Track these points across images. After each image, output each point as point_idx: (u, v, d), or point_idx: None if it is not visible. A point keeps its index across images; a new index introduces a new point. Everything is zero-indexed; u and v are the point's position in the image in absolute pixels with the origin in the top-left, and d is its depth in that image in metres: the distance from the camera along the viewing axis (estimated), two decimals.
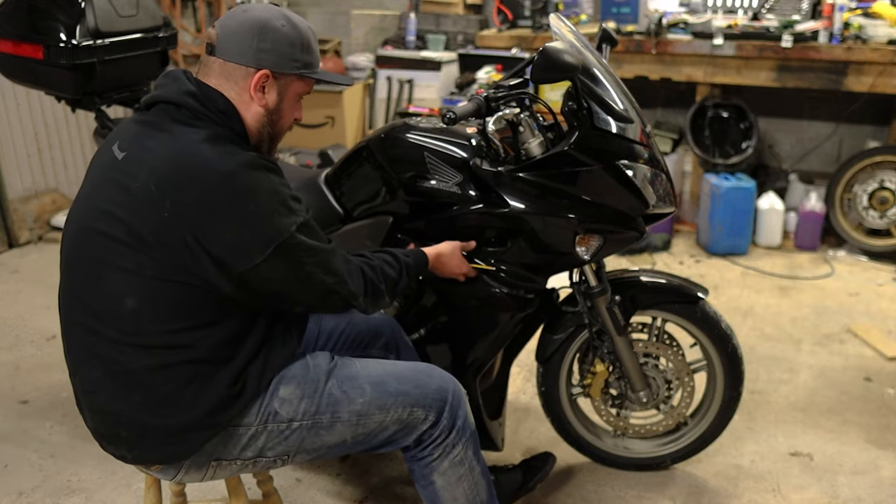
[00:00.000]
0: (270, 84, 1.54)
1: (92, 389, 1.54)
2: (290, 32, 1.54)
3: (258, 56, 1.51)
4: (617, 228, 1.94)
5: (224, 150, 1.46)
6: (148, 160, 1.46)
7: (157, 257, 1.43)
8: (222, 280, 1.46)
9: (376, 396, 1.63)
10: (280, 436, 1.59)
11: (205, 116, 1.50)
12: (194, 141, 1.46)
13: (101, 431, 1.58)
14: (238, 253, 1.44)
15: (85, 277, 1.51)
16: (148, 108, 1.55)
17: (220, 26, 1.54)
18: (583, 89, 1.85)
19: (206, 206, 1.42)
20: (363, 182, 2.09)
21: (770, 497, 2.31)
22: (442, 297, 2.06)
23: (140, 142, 1.50)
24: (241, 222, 1.43)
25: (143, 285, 1.45)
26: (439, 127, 2.03)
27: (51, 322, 3.42)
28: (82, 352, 1.54)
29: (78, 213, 1.56)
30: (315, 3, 5.84)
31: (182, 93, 1.50)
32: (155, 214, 1.42)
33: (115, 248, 1.46)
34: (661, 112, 5.05)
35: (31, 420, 2.70)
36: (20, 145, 4.24)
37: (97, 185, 1.54)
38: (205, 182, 1.42)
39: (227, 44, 1.52)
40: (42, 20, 2.43)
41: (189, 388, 1.49)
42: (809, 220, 4.25)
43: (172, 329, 1.47)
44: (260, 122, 1.57)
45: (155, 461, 1.56)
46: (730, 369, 2.24)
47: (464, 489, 1.73)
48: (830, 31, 4.01)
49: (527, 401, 2.78)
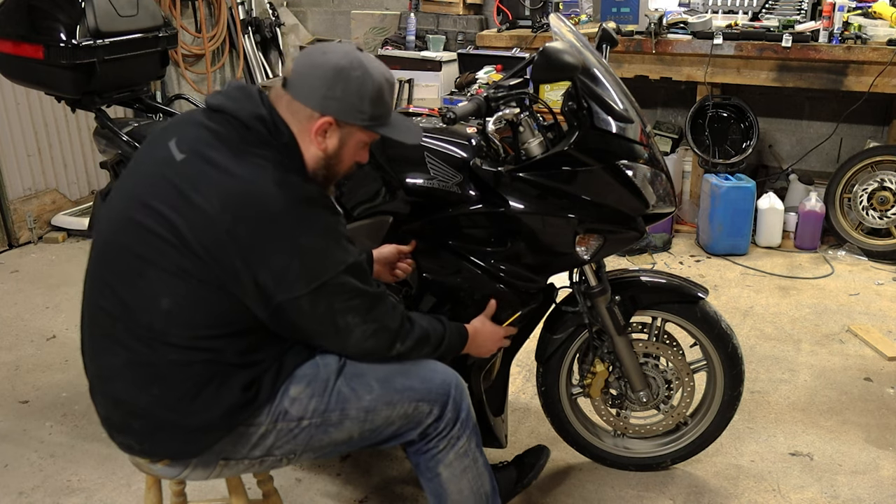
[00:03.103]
0: (333, 130, 1.54)
1: (110, 376, 1.54)
2: (363, 83, 1.52)
3: (325, 103, 1.51)
4: (617, 228, 1.95)
5: (288, 181, 1.47)
6: (213, 176, 1.46)
7: (201, 267, 1.45)
8: (259, 306, 1.48)
9: (384, 392, 1.64)
10: (289, 434, 1.60)
11: (270, 145, 1.51)
12: (261, 167, 1.47)
13: (113, 420, 1.57)
14: (282, 282, 1.46)
15: (121, 268, 1.51)
16: (213, 111, 1.55)
17: (298, 63, 1.55)
18: (583, 89, 1.85)
19: (263, 233, 1.44)
20: (363, 182, 2.09)
21: (770, 497, 2.31)
22: (442, 296, 2.06)
23: (203, 150, 1.49)
24: (293, 253, 1.45)
25: (181, 289, 1.47)
26: (439, 127, 2.03)
27: (51, 322, 3.42)
28: (104, 338, 1.54)
29: (122, 201, 1.56)
30: (315, 3, 5.84)
31: (253, 116, 1.51)
32: (212, 230, 1.44)
33: (159, 247, 1.46)
34: (661, 112, 5.06)
35: (31, 420, 2.70)
36: (20, 145, 4.24)
37: (148, 180, 1.52)
38: (266, 210, 1.44)
39: (299, 83, 1.53)
40: (42, 20, 2.43)
41: (207, 387, 1.50)
42: (809, 220, 4.24)
43: (201, 335, 1.49)
44: (317, 164, 1.57)
45: (164, 455, 1.56)
46: (730, 369, 2.24)
47: (468, 480, 1.74)
48: (830, 31, 4.01)
49: (527, 401, 2.78)
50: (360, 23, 5.36)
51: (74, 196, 4.58)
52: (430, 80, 4.83)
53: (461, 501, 1.75)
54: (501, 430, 2.23)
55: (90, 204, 4.33)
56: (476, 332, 1.86)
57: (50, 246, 4.33)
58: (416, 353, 1.68)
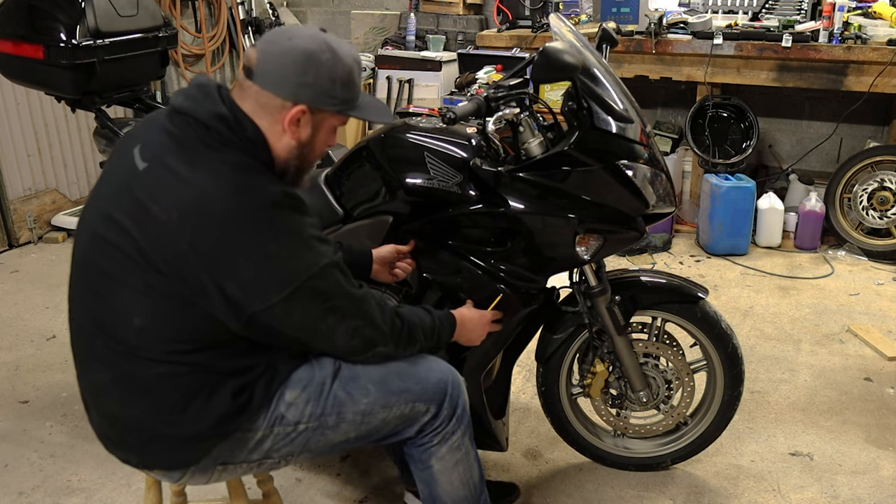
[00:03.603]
0: (306, 119, 1.49)
1: (98, 392, 1.54)
2: (333, 67, 1.46)
3: (297, 91, 1.45)
4: (617, 228, 1.95)
5: (248, 184, 1.41)
6: (172, 185, 1.41)
7: (166, 283, 1.41)
8: (231, 318, 1.43)
9: (380, 396, 1.64)
10: (286, 438, 1.59)
11: (232, 143, 1.44)
12: (219, 173, 1.41)
13: (109, 436, 1.57)
14: (252, 293, 1.40)
15: (92, 285, 1.49)
16: (175, 113, 1.48)
17: (262, 50, 1.46)
18: (583, 89, 1.85)
19: (226, 244, 1.38)
20: (363, 182, 2.09)
21: (770, 497, 2.31)
22: (442, 297, 2.06)
23: (163, 157, 1.44)
24: (259, 261, 1.39)
25: (149, 305, 1.43)
26: (439, 127, 2.03)
27: (51, 322, 3.42)
28: (89, 355, 1.53)
29: (91, 214, 1.53)
30: (315, 3, 5.84)
31: (212, 114, 1.44)
32: (172, 245, 1.39)
33: (124, 263, 1.43)
34: (661, 112, 5.06)
35: (31, 420, 2.70)
36: (20, 145, 4.24)
37: (113, 191, 1.49)
38: (226, 220, 1.38)
39: (266, 71, 1.45)
40: (42, 20, 2.43)
41: (197, 398, 1.48)
42: (809, 220, 4.25)
43: (178, 349, 1.46)
44: (289, 154, 1.51)
45: (161, 467, 1.56)
46: (730, 369, 2.23)
47: (459, 473, 1.76)
48: (830, 31, 4.01)
49: (527, 401, 2.78)
50: (360, 23, 5.36)
51: (74, 196, 4.58)
52: (430, 80, 4.84)
53: (451, 491, 1.76)
54: (502, 432, 2.22)
55: None
56: (462, 318, 1.83)
57: (50, 246, 4.33)
58: (410, 348, 1.66)
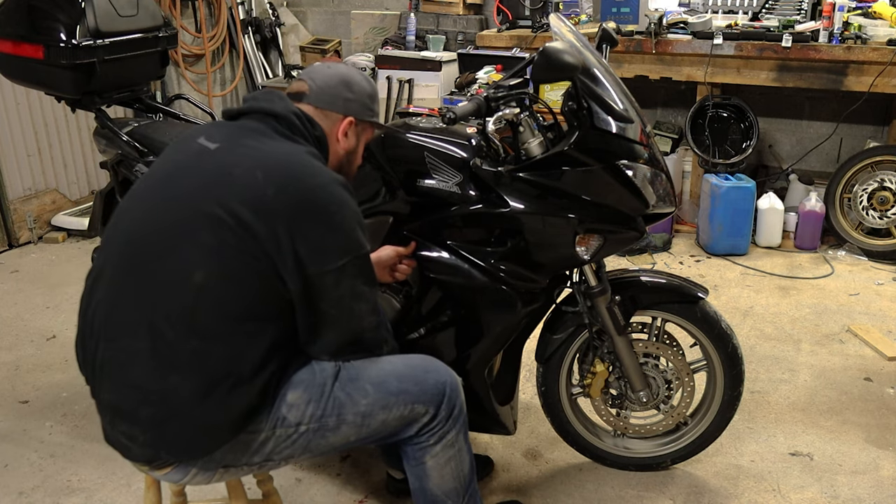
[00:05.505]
0: (353, 130, 1.77)
1: (128, 362, 1.52)
2: (367, 87, 1.79)
3: (346, 105, 1.75)
4: (617, 228, 1.95)
5: (322, 166, 1.62)
6: (253, 154, 1.58)
7: (243, 237, 1.50)
8: (292, 273, 1.53)
9: (379, 397, 1.65)
10: (287, 440, 1.61)
11: (304, 136, 1.66)
12: (299, 151, 1.62)
13: (122, 407, 1.55)
14: (318, 253, 1.54)
15: (155, 248, 1.54)
16: (238, 117, 1.68)
17: (310, 78, 1.75)
18: (583, 89, 1.85)
19: (305, 206, 1.53)
20: (363, 182, 2.09)
21: (770, 497, 2.31)
22: (445, 295, 2.06)
23: (238, 139, 1.62)
24: (329, 227, 1.55)
25: (215, 263, 1.50)
26: (439, 127, 2.03)
27: (51, 322, 3.42)
28: (130, 322, 1.53)
29: (152, 191, 1.62)
30: (315, 3, 5.84)
31: (290, 111, 1.66)
32: (257, 197, 1.51)
33: (201, 221, 1.52)
34: (661, 112, 5.06)
35: (31, 420, 2.70)
36: (20, 145, 4.25)
37: (183, 167, 1.62)
38: (307, 184, 1.55)
39: (318, 92, 1.73)
40: (42, 20, 2.43)
41: (221, 385, 1.50)
42: (809, 220, 4.25)
43: (228, 315, 1.51)
44: (338, 163, 1.77)
45: (164, 449, 1.54)
46: (730, 369, 2.23)
47: (451, 468, 1.78)
48: (830, 31, 4.01)
49: (527, 401, 2.78)
50: (360, 23, 5.36)
51: (74, 196, 4.58)
52: (430, 80, 4.83)
53: (442, 485, 1.78)
54: (509, 417, 2.23)
55: (90, 204, 4.32)
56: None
57: (50, 246, 4.33)
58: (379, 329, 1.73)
